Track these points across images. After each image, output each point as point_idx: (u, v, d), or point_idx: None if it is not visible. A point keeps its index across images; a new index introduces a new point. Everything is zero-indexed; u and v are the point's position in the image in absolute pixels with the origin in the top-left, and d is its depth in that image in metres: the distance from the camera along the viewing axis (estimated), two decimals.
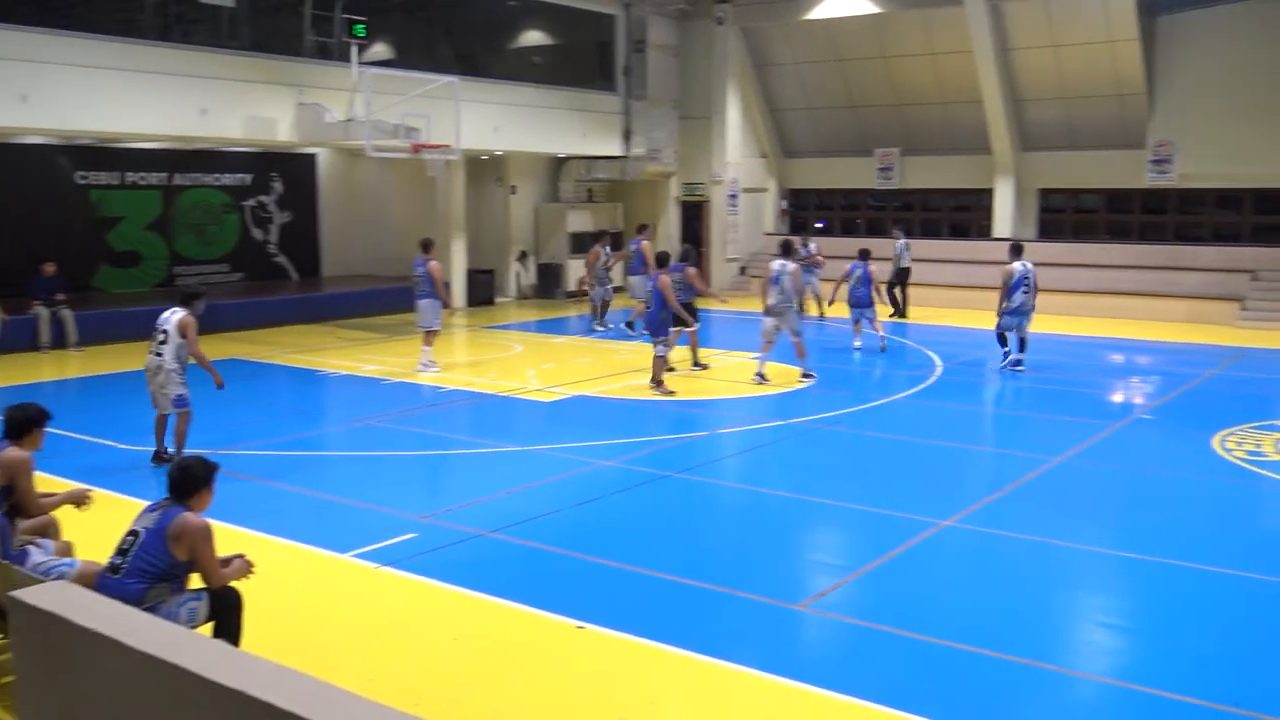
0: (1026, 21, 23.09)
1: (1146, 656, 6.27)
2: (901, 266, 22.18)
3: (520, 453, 10.85)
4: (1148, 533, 8.43)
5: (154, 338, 9.83)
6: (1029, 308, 15.28)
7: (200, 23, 18.51)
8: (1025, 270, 15.24)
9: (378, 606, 6.85)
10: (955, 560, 7.82)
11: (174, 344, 9.72)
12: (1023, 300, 15.18)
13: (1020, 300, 15.18)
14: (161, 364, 9.73)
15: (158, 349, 9.75)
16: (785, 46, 26.90)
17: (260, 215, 23.56)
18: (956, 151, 25.97)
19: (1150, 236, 24.40)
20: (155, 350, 9.76)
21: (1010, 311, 15.27)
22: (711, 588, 7.08)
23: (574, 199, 26.70)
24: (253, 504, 8.80)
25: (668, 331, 13.64)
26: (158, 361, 9.74)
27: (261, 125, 18.14)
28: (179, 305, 9.90)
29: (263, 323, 19.84)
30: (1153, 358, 17.77)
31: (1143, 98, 23.03)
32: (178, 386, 9.79)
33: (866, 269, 17.49)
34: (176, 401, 9.81)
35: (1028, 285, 15.21)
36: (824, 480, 9.87)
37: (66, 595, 3.14)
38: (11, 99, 15.11)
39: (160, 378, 9.75)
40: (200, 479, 5.46)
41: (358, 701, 2.49)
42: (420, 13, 23.31)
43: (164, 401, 9.84)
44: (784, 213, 29.32)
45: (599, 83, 25.60)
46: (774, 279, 14.31)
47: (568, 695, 5.61)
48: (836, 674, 5.83)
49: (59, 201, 19.95)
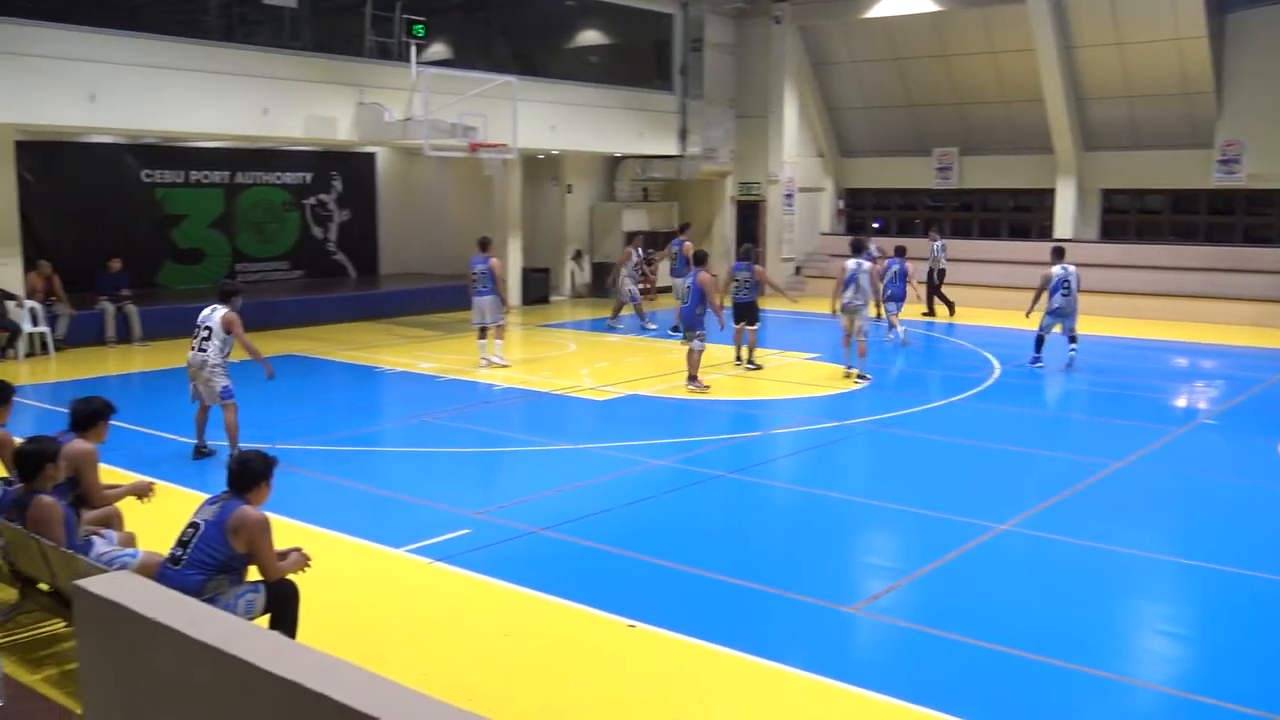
0: (1090, 19, 22.69)
1: (1205, 666, 6.14)
2: (939, 268, 22.20)
3: (573, 451, 10.88)
4: (1209, 540, 8.25)
5: (196, 334, 10.02)
6: (1069, 310, 15.43)
7: (263, 24, 18.77)
8: (1065, 273, 15.38)
9: (431, 602, 6.91)
10: (1011, 565, 7.71)
11: (218, 340, 9.90)
12: (1062, 303, 15.37)
13: (1060, 303, 15.37)
14: (206, 359, 9.90)
15: (201, 345, 9.93)
16: (843, 45, 26.69)
17: (320, 213, 23.86)
18: (1017, 151, 25.60)
19: (1217, 238, 23.89)
20: (199, 347, 9.95)
21: (1050, 312, 15.45)
22: (763, 589, 7.05)
23: (629, 198, 26.71)
24: (309, 498, 8.92)
25: (703, 326, 13.66)
26: (202, 358, 9.92)
27: (322, 124, 18.37)
28: (218, 303, 10.09)
29: (321, 320, 20.10)
30: (1218, 362, 17.40)
31: (1211, 96, 22.53)
32: (222, 379, 9.97)
33: (903, 265, 18.18)
34: (223, 393, 9.98)
35: (1067, 288, 15.35)
36: (879, 482, 9.79)
37: (129, 585, 3.20)
38: (80, 99, 15.45)
39: (205, 373, 9.93)
40: (259, 473, 5.54)
41: (411, 695, 2.51)
42: (478, 13, 23.46)
43: (211, 395, 10.02)
44: (841, 212, 29.11)
45: (655, 82, 25.60)
46: (850, 278, 14.28)
47: (618, 693, 5.62)
48: (888, 677, 5.78)
49: (125, 199, 20.34)
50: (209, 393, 10.00)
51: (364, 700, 2.43)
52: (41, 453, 5.83)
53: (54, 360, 16.08)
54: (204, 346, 9.91)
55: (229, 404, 9.99)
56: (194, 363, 9.99)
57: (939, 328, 20.44)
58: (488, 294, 15.10)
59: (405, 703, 2.45)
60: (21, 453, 5.84)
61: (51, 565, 5.52)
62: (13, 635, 6.19)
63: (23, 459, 5.83)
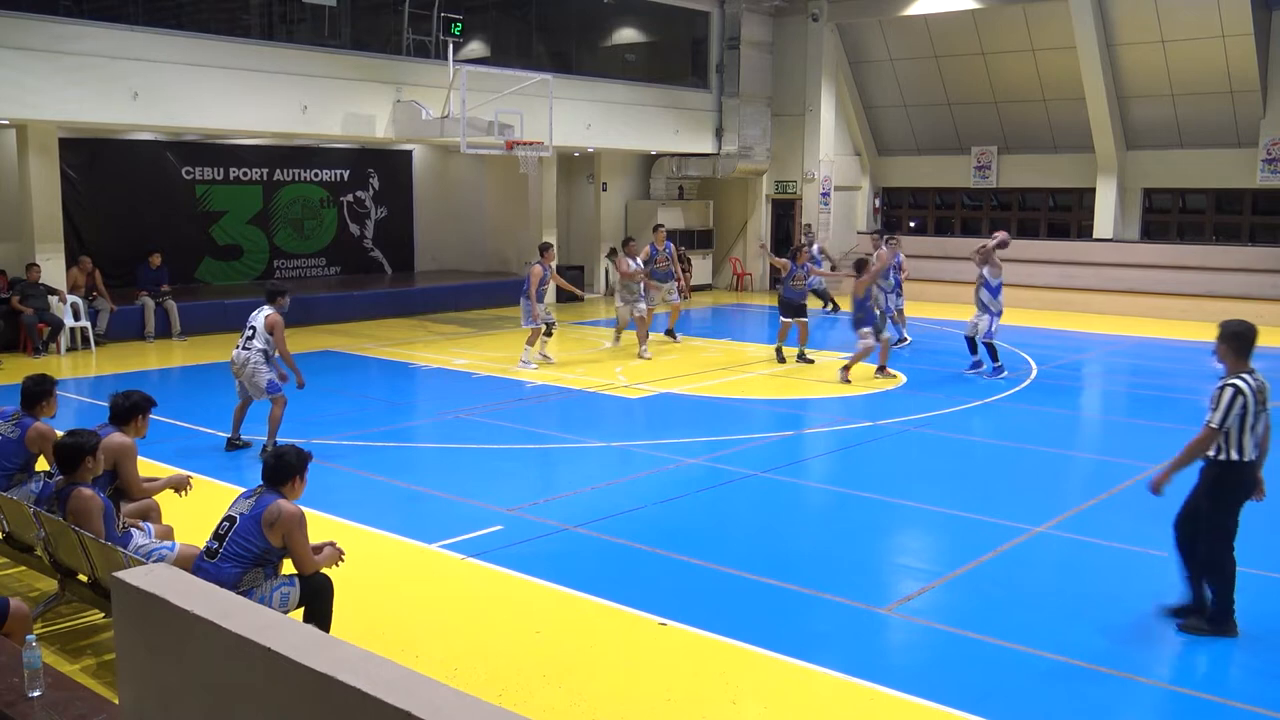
0: (1133, 16, 22.40)
1: (1243, 672, 6.05)
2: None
3: (606, 449, 10.89)
4: (1247, 545, 8.11)
5: (244, 333, 10.16)
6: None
7: (303, 22, 18.94)
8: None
9: (463, 597, 6.94)
10: (1047, 568, 7.63)
11: (261, 340, 10.03)
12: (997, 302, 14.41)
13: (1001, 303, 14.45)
14: (249, 358, 10.02)
15: (246, 344, 10.08)
16: (881, 43, 26.53)
17: (357, 210, 24.03)
18: (1057, 150, 25.35)
19: (1262, 239, 23.53)
20: (244, 345, 10.08)
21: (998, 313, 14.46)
22: (795, 588, 7.02)
23: (665, 196, 26.70)
24: (344, 493, 8.99)
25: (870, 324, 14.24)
26: (245, 355, 10.04)
27: (360, 122, 18.50)
28: (265, 303, 10.22)
29: (357, 316, 20.25)
30: (1261, 365, 17.07)
31: (1256, 95, 22.18)
32: (267, 373, 10.07)
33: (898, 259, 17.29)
34: (269, 387, 10.07)
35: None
36: (913, 483, 9.72)
37: (166, 577, 3.23)
38: (123, 96, 15.66)
39: (248, 369, 10.04)
40: (294, 467, 5.59)
41: (443, 690, 2.52)
42: (515, 11, 23.53)
43: (257, 391, 10.11)
44: (878, 211, 28.96)
45: (692, 80, 25.57)
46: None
47: (649, 691, 5.62)
48: (920, 679, 5.74)
49: (166, 196, 20.56)
50: (254, 389, 10.12)
51: (396, 694, 2.44)
52: (81, 446, 5.90)
53: (95, 354, 16.31)
54: (247, 345, 10.04)
55: (276, 398, 10.10)
56: (236, 360, 10.13)
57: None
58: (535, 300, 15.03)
59: (437, 697, 2.45)
60: (62, 445, 5.92)
61: (91, 557, 5.59)
62: (52, 625, 6.29)
63: (63, 452, 5.91)
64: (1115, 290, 22.96)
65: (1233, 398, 6.09)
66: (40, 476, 6.93)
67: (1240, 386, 6.12)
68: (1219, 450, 6.18)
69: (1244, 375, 6.20)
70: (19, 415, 6.97)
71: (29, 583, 6.97)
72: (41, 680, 4.26)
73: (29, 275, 16.22)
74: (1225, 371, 6.30)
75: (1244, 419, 6.10)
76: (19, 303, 15.97)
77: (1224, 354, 6.32)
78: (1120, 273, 23.28)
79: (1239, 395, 6.10)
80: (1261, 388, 6.22)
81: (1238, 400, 6.08)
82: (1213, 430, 6.11)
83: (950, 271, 24.38)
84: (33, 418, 6.95)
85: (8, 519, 6.62)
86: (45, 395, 7.05)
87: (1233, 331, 6.30)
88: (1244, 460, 6.16)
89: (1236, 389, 6.12)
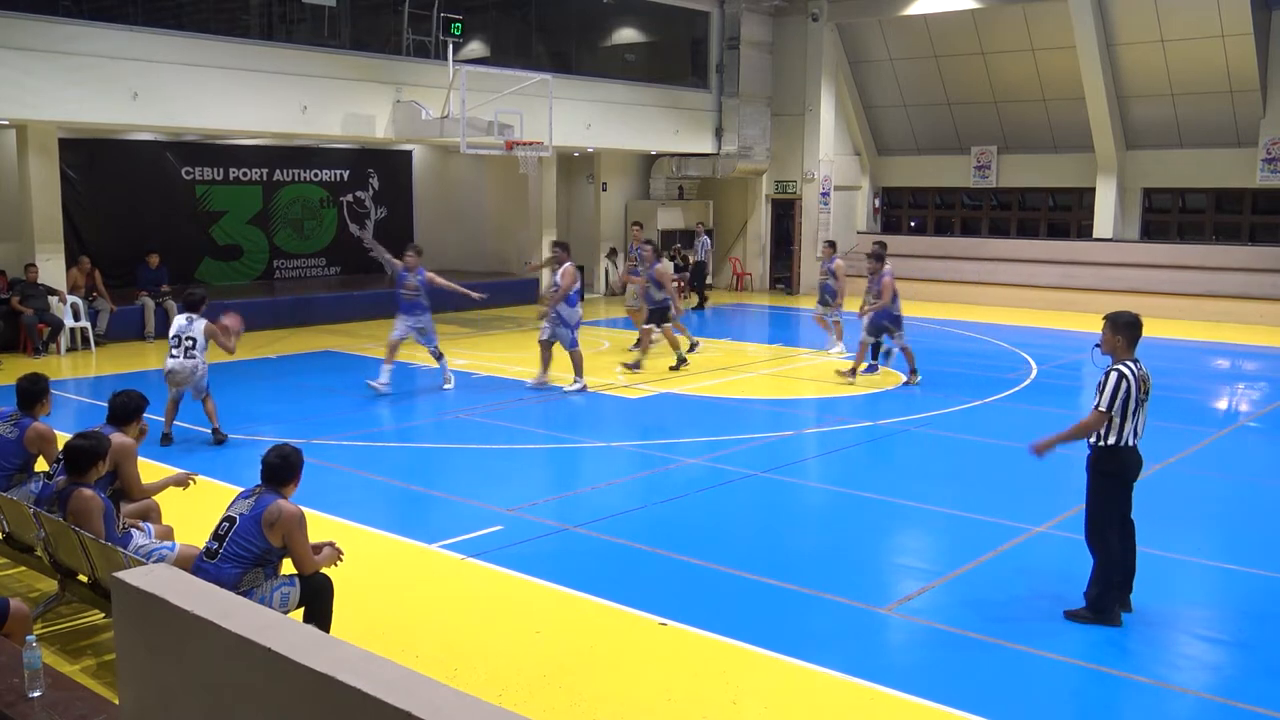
0: (1133, 16, 22.40)
1: (1246, 672, 6.05)
2: (698, 260, 23.65)
3: (606, 449, 10.89)
4: (1251, 544, 8.13)
5: (179, 345, 10.41)
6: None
7: (303, 22, 18.94)
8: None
9: (463, 597, 6.94)
10: (1047, 567, 7.63)
11: (200, 348, 10.45)
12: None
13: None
14: (196, 365, 10.42)
15: (189, 354, 10.40)
16: (881, 42, 26.53)
17: (357, 210, 24.03)
18: (1056, 149, 25.36)
19: (1261, 238, 23.53)
20: (186, 355, 10.39)
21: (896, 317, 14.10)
22: (796, 588, 7.02)
23: (665, 196, 26.70)
24: (343, 493, 8.98)
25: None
26: (193, 364, 10.41)
27: (360, 122, 18.50)
28: (189, 313, 10.54)
29: (356, 316, 20.21)
30: (1260, 364, 17.14)
31: (1256, 95, 22.18)
32: (206, 373, 10.60)
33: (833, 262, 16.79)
34: (208, 386, 10.64)
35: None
36: (913, 483, 9.72)
37: (166, 577, 3.23)
38: (122, 97, 15.65)
39: (197, 375, 10.45)
40: (297, 467, 5.60)
41: (443, 690, 2.52)
42: (515, 11, 23.53)
43: (199, 391, 10.56)
44: (877, 211, 28.96)
45: (692, 80, 25.57)
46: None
47: (649, 692, 5.62)
48: (921, 679, 5.74)
49: (166, 196, 20.56)
50: (197, 390, 10.56)
51: (396, 694, 2.44)
52: (95, 450, 5.89)
53: (94, 355, 16.31)
54: (192, 354, 10.43)
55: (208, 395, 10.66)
56: (184, 369, 10.41)
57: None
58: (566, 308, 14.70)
59: (437, 697, 2.46)
60: (75, 448, 5.86)
61: (91, 557, 5.59)
62: (53, 626, 6.29)
63: (76, 454, 5.85)
64: (1115, 290, 22.93)
65: (1117, 382, 6.32)
66: (39, 477, 6.93)
67: (1125, 374, 6.36)
68: (1100, 436, 6.41)
69: (1129, 363, 6.43)
70: (17, 416, 6.97)
71: (29, 583, 6.97)
72: (41, 680, 4.26)
73: (28, 275, 16.21)
74: (1112, 360, 6.51)
75: (1127, 405, 6.31)
76: (19, 303, 15.97)
77: (1114, 344, 6.51)
78: (1120, 272, 23.27)
79: (1123, 380, 6.32)
80: (1144, 378, 6.47)
81: (1123, 385, 6.31)
82: (1101, 414, 6.34)
83: (950, 271, 24.37)
84: (31, 418, 6.95)
85: (8, 519, 6.62)
86: (42, 395, 7.05)
87: (1126, 321, 6.52)
88: (1125, 445, 6.40)
89: (1122, 375, 6.35)
